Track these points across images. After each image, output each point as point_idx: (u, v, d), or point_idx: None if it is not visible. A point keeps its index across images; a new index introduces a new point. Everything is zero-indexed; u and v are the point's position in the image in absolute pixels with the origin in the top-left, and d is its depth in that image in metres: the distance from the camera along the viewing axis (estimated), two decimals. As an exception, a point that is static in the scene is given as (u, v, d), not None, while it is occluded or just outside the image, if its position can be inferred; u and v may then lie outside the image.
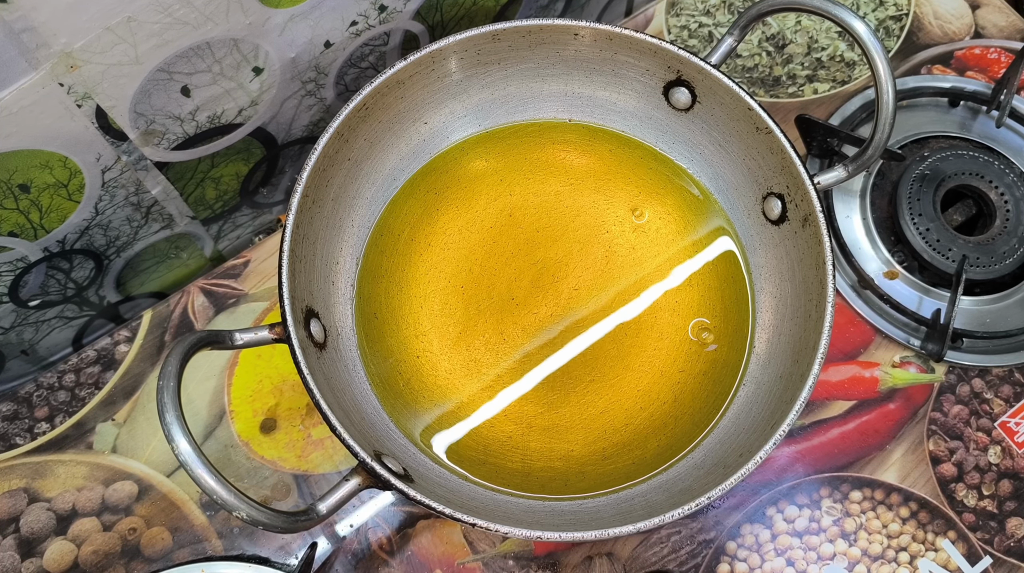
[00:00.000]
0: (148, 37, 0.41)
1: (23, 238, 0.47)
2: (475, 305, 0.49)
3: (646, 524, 0.37)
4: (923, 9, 0.63)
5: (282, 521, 0.35)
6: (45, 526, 0.49)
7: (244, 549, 0.49)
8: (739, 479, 0.38)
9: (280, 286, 0.41)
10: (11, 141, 0.41)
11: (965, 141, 0.59)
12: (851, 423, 0.52)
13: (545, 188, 0.51)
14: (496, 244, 0.50)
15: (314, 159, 0.43)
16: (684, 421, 0.46)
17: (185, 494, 0.50)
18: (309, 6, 0.46)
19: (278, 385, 0.52)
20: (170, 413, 0.34)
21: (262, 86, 0.49)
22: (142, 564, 0.48)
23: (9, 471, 0.50)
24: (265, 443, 0.51)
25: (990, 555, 0.49)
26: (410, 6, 0.52)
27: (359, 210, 0.49)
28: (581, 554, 0.49)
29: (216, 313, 0.54)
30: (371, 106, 0.46)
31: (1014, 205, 0.55)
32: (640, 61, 0.49)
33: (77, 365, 0.53)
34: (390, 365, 0.47)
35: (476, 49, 0.48)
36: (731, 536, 0.49)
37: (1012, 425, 0.52)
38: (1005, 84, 0.57)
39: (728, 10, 0.63)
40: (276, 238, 0.56)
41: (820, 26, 0.62)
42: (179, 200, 0.53)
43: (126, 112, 0.44)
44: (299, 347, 0.40)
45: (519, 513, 0.43)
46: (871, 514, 0.50)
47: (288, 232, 0.42)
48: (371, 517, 0.49)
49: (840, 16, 0.44)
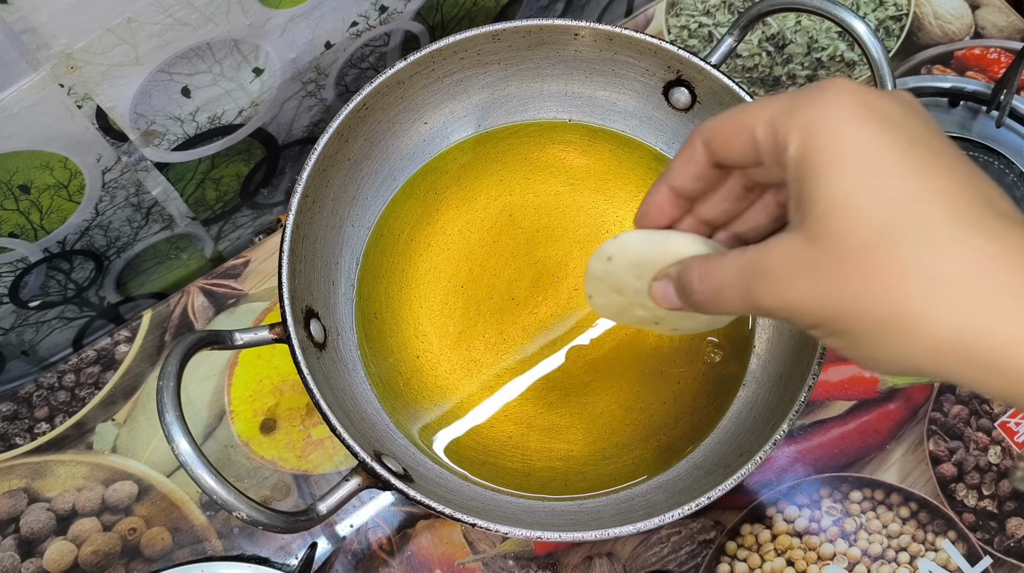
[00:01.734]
0: (148, 38, 0.41)
1: (23, 239, 0.47)
2: (475, 305, 0.49)
3: (646, 524, 0.37)
4: (923, 9, 0.63)
5: (282, 521, 0.35)
6: (45, 526, 0.49)
7: (244, 549, 0.49)
8: (739, 479, 0.38)
9: (280, 286, 0.41)
10: (11, 142, 0.41)
11: (965, 141, 0.59)
12: (851, 423, 0.52)
13: (545, 188, 0.51)
14: (496, 244, 0.50)
15: (314, 159, 0.43)
16: (684, 421, 0.46)
17: (185, 494, 0.50)
18: (309, 7, 0.46)
19: (278, 385, 0.52)
20: (170, 413, 0.34)
21: (262, 87, 0.49)
22: (142, 564, 0.48)
23: (9, 471, 0.50)
24: (265, 443, 0.51)
25: (990, 555, 0.49)
26: (410, 7, 0.52)
27: (359, 210, 0.49)
28: (581, 554, 0.49)
29: (216, 313, 0.54)
30: (371, 106, 0.46)
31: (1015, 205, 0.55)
32: (640, 61, 0.49)
33: (77, 365, 0.53)
34: (390, 365, 0.47)
35: (476, 49, 0.48)
36: (731, 536, 0.49)
37: (1012, 425, 0.52)
38: (1005, 84, 0.57)
39: (728, 10, 0.63)
40: (276, 238, 0.56)
41: (820, 26, 0.62)
42: (179, 201, 0.53)
43: (126, 113, 0.44)
44: (299, 347, 0.40)
45: (519, 513, 0.43)
46: (871, 514, 0.50)
47: (288, 232, 0.42)
48: (371, 517, 0.49)
49: (840, 16, 0.44)
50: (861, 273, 0.25)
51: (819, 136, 0.26)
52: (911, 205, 0.25)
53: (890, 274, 0.24)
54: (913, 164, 0.25)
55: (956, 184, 0.25)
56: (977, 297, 0.24)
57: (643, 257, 0.34)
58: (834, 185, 0.25)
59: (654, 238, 0.33)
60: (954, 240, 0.24)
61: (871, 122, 0.26)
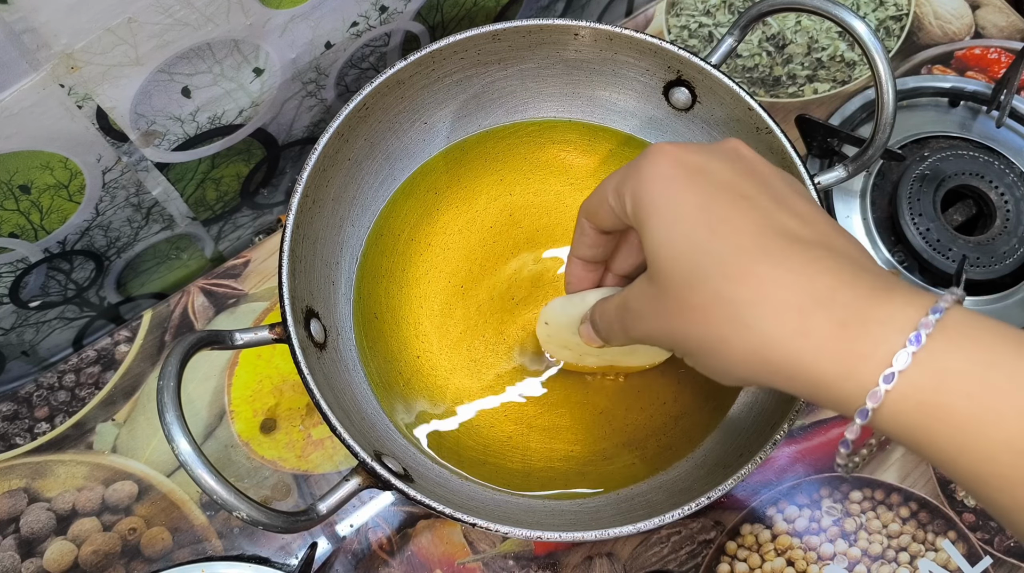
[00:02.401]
0: (149, 38, 0.41)
1: (24, 239, 0.47)
2: (475, 305, 0.49)
3: (646, 524, 0.37)
4: (923, 9, 0.63)
5: (282, 521, 0.35)
6: (45, 526, 0.49)
7: (244, 549, 0.49)
8: (739, 479, 0.38)
9: (280, 286, 0.41)
10: (12, 142, 0.41)
11: (965, 141, 0.59)
12: (851, 423, 0.52)
13: (545, 188, 0.51)
14: (496, 244, 0.50)
15: (314, 159, 0.43)
16: (684, 421, 0.46)
17: (185, 494, 0.50)
18: (310, 7, 0.46)
19: (278, 385, 0.52)
20: (170, 413, 0.34)
21: (263, 87, 0.49)
22: (142, 564, 0.48)
23: (9, 471, 0.50)
24: (265, 443, 0.51)
25: (990, 555, 0.49)
26: (411, 7, 0.52)
27: (359, 210, 0.49)
28: (581, 554, 0.49)
29: (216, 313, 0.54)
30: (371, 106, 0.46)
31: (1014, 205, 0.55)
32: (640, 61, 0.49)
33: (77, 365, 0.53)
34: (390, 365, 0.47)
35: (476, 49, 0.48)
36: (731, 536, 0.49)
37: (1012, 425, 0.52)
38: (1005, 84, 0.57)
39: (728, 10, 0.63)
40: (276, 238, 0.56)
41: (820, 26, 0.62)
42: (179, 201, 0.53)
43: (127, 113, 0.44)
44: (299, 347, 0.40)
45: (519, 513, 0.43)
46: (871, 514, 0.50)
47: (288, 232, 0.42)
48: (371, 517, 0.49)
49: (840, 16, 0.44)
50: (682, 307, 0.30)
51: (641, 196, 0.32)
52: (710, 245, 0.30)
53: (701, 307, 0.29)
54: (713, 210, 0.30)
55: (750, 221, 0.30)
56: (764, 317, 0.28)
57: (571, 316, 0.41)
58: (654, 235, 0.31)
59: (574, 299, 0.41)
60: (742, 272, 0.29)
61: (679, 180, 0.31)
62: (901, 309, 0.27)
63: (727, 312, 0.29)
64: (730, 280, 0.29)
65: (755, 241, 0.29)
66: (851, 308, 0.28)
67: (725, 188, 0.31)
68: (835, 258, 0.29)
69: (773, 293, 0.28)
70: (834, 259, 0.29)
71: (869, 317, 0.27)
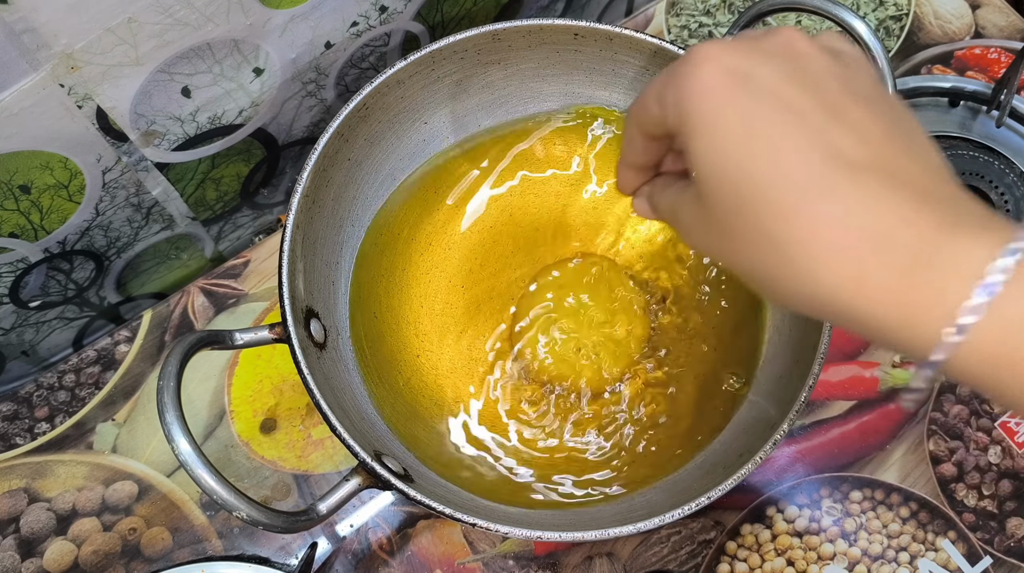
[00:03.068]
0: (149, 38, 0.41)
1: (24, 239, 0.47)
2: (475, 305, 0.49)
3: (646, 524, 0.37)
4: (923, 9, 0.63)
5: (282, 521, 0.35)
6: (45, 526, 0.49)
7: (244, 549, 0.49)
8: (739, 479, 0.38)
9: (280, 286, 0.41)
10: (12, 142, 0.41)
11: (965, 141, 0.58)
12: (851, 423, 0.52)
13: (545, 188, 0.51)
14: (496, 244, 0.50)
15: (314, 159, 0.43)
16: (684, 421, 0.46)
17: (185, 494, 0.50)
18: (310, 7, 0.46)
19: (278, 385, 0.52)
20: (170, 413, 0.34)
21: (263, 87, 0.49)
22: (142, 564, 0.48)
23: (9, 471, 0.50)
24: (265, 443, 0.51)
25: (990, 555, 0.49)
26: (411, 7, 0.52)
27: (359, 210, 0.49)
28: (581, 554, 0.49)
29: (216, 313, 0.54)
30: (371, 106, 0.46)
31: (1014, 205, 0.55)
32: (640, 61, 0.49)
33: (77, 365, 0.53)
34: (390, 365, 0.47)
35: (476, 49, 0.48)
36: (731, 536, 0.49)
37: (1012, 425, 0.52)
38: (1005, 84, 0.57)
39: (728, 10, 0.63)
40: (276, 238, 0.56)
41: (820, 26, 0.62)
42: (179, 201, 0.53)
43: (126, 113, 0.44)
44: (299, 347, 0.40)
45: (519, 513, 0.43)
46: (871, 514, 0.50)
47: (288, 232, 0.42)
48: (371, 517, 0.49)
49: (840, 16, 0.44)
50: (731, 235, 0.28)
51: (682, 109, 0.29)
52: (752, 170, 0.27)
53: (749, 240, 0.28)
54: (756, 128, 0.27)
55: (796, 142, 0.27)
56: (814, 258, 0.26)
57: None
58: (697, 154, 0.28)
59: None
60: (786, 207, 0.26)
61: (719, 91, 0.28)
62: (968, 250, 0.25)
63: (774, 250, 0.27)
64: (774, 216, 0.26)
65: (800, 169, 0.26)
66: (912, 251, 0.25)
67: (771, 98, 0.28)
68: (894, 188, 0.26)
69: (822, 233, 0.26)
70: (893, 190, 0.26)
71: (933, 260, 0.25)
